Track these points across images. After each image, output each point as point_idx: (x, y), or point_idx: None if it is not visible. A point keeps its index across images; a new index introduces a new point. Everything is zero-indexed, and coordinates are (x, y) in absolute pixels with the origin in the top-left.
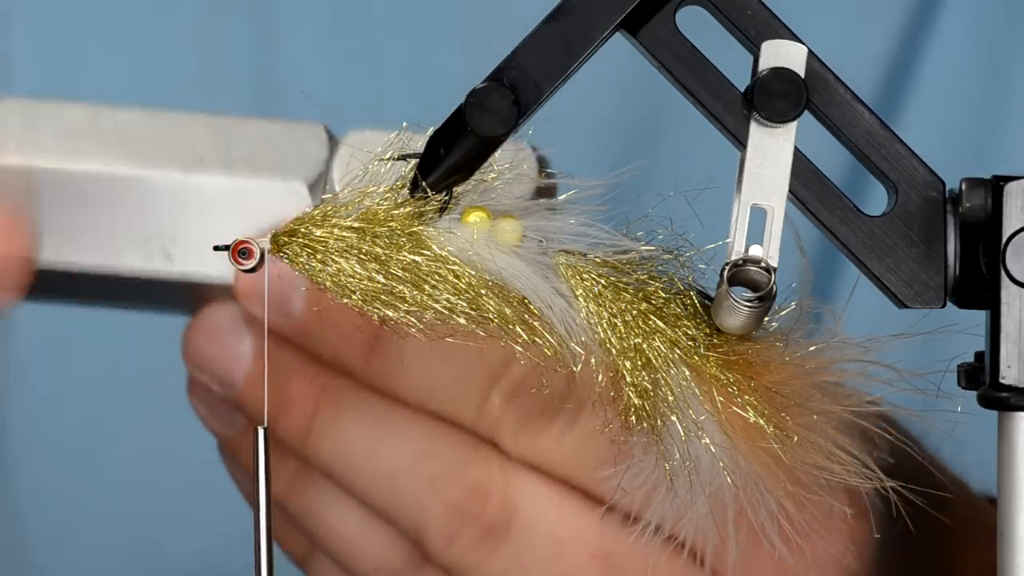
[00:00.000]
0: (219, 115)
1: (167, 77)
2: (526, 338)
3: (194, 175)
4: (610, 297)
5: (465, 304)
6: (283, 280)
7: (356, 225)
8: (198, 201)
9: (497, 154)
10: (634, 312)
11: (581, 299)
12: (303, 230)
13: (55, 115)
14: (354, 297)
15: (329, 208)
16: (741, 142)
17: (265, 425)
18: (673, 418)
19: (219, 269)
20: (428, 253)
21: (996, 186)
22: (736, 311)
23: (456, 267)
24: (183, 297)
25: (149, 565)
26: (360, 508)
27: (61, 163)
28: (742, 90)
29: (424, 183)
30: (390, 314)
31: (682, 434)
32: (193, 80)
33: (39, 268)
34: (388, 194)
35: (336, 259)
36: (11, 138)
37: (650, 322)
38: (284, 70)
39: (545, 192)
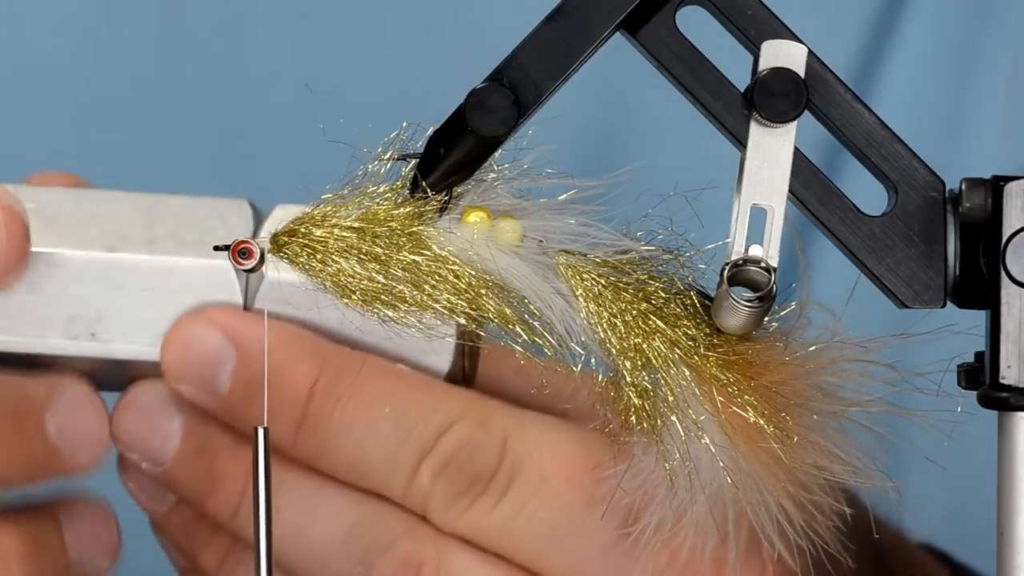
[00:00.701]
0: (143, 193)
1: (127, 77)
2: (526, 338)
3: (118, 254)
4: (610, 297)
5: (465, 304)
6: (209, 359)
7: (356, 225)
8: (122, 280)
9: (496, 154)
10: (634, 312)
11: (581, 299)
12: (303, 230)
13: None
14: (354, 297)
15: (329, 208)
16: (741, 142)
17: (265, 425)
18: (673, 418)
19: (146, 348)
20: (428, 253)
21: (996, 186)
22: (736, 311)
23: (456, 267)
24: (110, 376)
25: None
26: None
27: None
28: (742, 90)
29: (424, 183)
30: (390, 314)
31: (682, 434)
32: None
33: None
34: (388, 194)
35: (336, 259)
36: None
37: (650, 322)
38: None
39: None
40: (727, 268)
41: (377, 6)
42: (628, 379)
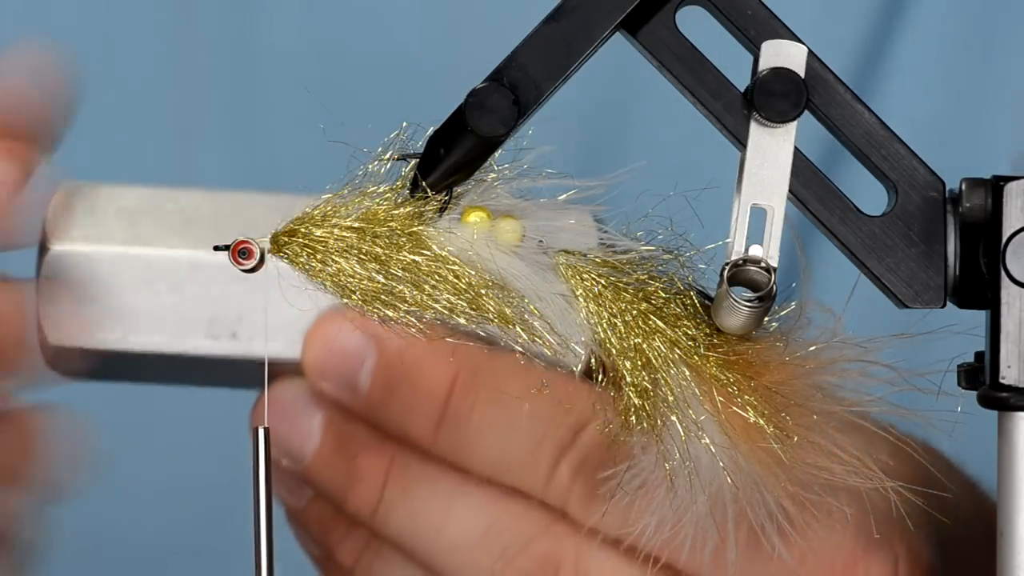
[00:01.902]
0: (279, 193)
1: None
2: (526, 338)
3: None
4: (610, 297)
5: (465, 304)
6: (349, 356)
7: (356, 225)
8: (262, 280)
9: (497, 154)
10: (634, 312)
11: (581, 299)
12: (303, 230)
13: (116, 198)
14: (354, 297)
15: (329, 208)
16: (741, 142)
17: (266, 425)
18: (673, 418)
19: (286, 347)
20: (428, 253)
21: (996, 186)
22: (736, 311)
23: (456, 267)
24: (251, 374)
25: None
26: None
27: (125, 247)
28: (742, 90)
29: (424, 183)
30: (390, 314)
31: (682, 434)
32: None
33: (107, 351)
34: (388, 194)
35: (336, 259)
36: (74, 223)
37: (650, 322)
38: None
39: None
40: (727, 268)
41: (357, 39)
42: (628, 379)
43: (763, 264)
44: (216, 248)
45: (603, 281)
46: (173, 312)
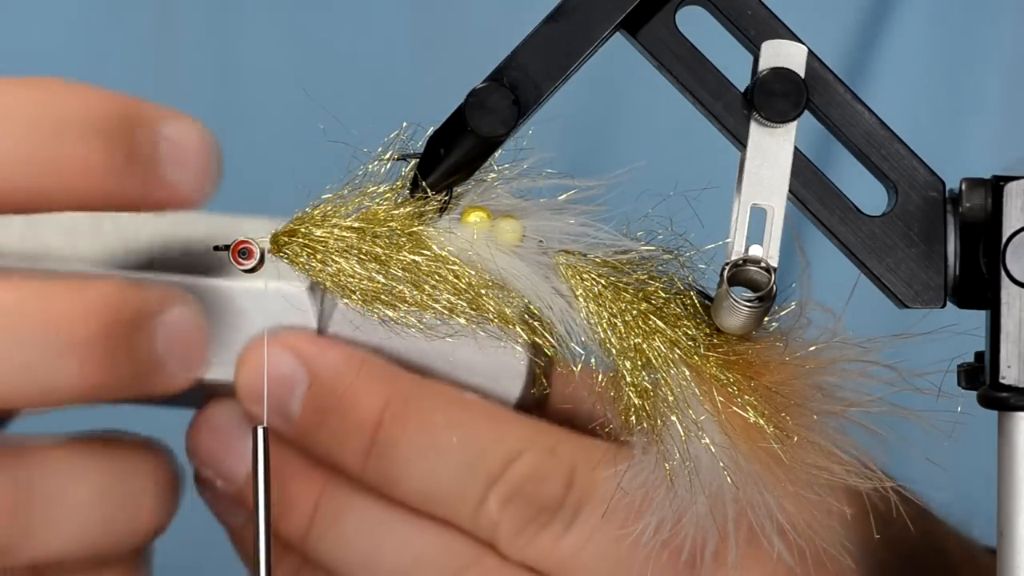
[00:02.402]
0: (216, 213)
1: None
2: (526, 338)
3: (195, 277)
4: (610, 297)
5: (465, 304)
6: (281, 383)
7: (356, 225)
8: (200, 303)
9: (497, 154)
10: (634, 312)
11: (581, 299)
12: (303, 230)
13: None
14: (354, 297)
15: (329, 208)
16: (741, 142)
17: (265, 425)
18: (673, 418)
19: (221, 369)
20: (428, 253)
21: (996, 186)
22: (736, 311)
23: (456, 267)
24: (187, 394)
25: None
26: None
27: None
28: (742, 90)
29: (424, 183)
30: (390, 314)
31: (682, 434)
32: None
33: None
34: (388, 194)
35: (336, 259)
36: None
37: (650, 322)
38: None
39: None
40: (727, 268)
41: (369, 8)
42: (628, 379)
43: (763, 264)
44: (216, 248)
45: (603, 281)
46: None
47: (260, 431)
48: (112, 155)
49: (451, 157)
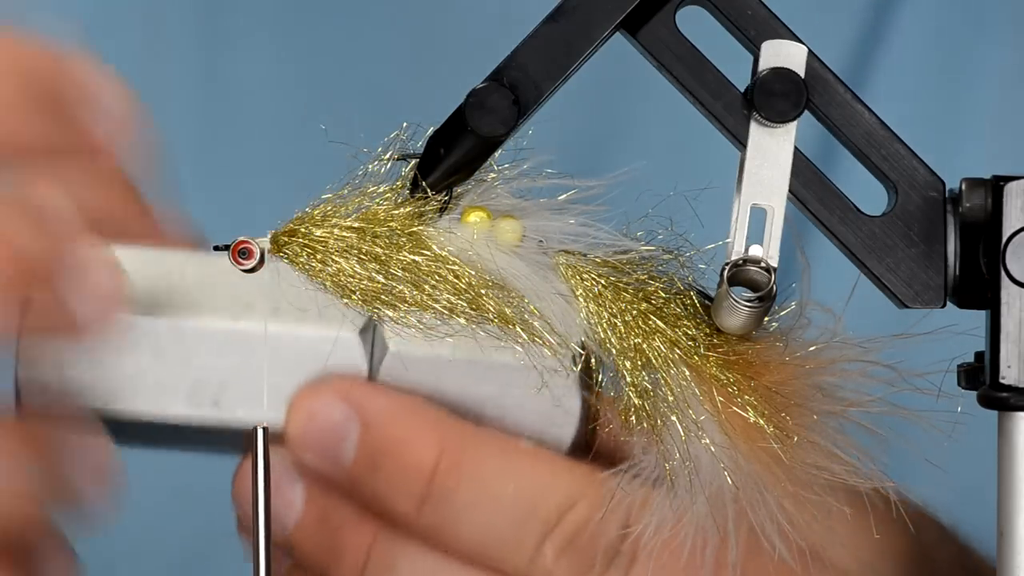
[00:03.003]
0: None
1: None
2: (526, 338)
3: (243, 323)
4: (610, 297)
5: (465, 304)
6: (332, 429)
7: (356, 225)
8: (247, 349)
9: (497, 154)
10: (634, 312)
11: (581, 299)
12: (303, 230)
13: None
14: (354, 297)
15: (329, 208)
16: (741, 142)
17: (265, 425)
18: (673, 418)
19: (270, 414)
20: (428, 253)
21: (996, 186)
22: (736, 311)
23: (456, 267)
24: (234, 440)
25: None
26: None
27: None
28: (742, 90)
29: (424, 183)
30: (390, 314)
31: (682, 434)
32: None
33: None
34: (388, 194)
35: (336, 259)
36: None
37: (650, 322)
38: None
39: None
40: (727, 268)
41: (358, 17)
42: (628, 379)
43: (763, 264)
44: (216, 248)
45: (603, 281)
46: (156, 378)
47: (260, 431)
48: (36, 110)
49: (451, 157)
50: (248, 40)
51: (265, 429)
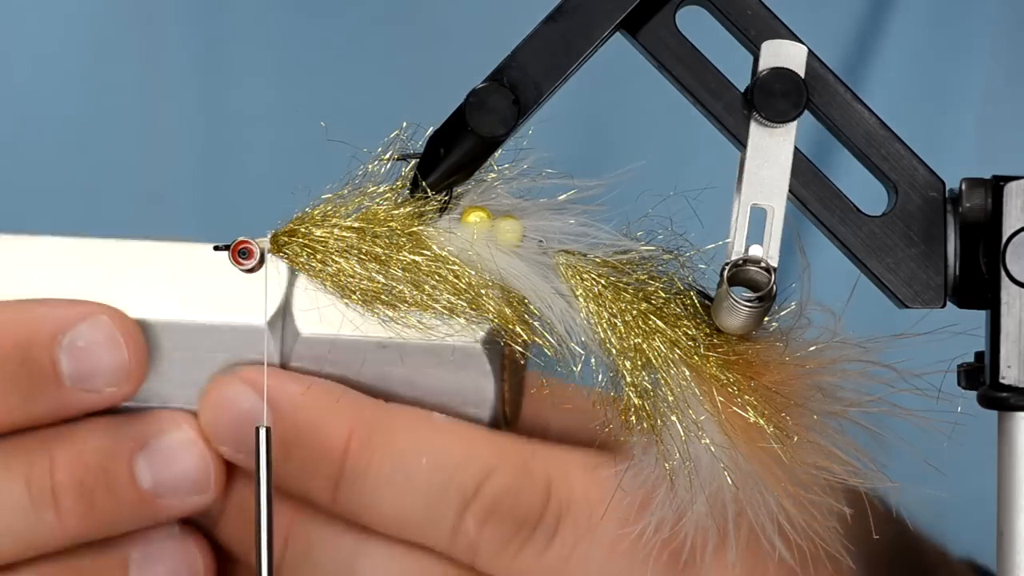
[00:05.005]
0: (173, 242)
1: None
2: (526, 338)
3: (154, 316)
4: (610, 297)
5: (465, 304)
6: (243, 418)
7: (356, 225)
8: (159, 342)
9: (497, 154)
10: (634, 312)
11: (581, 299)
12: (303, 230)
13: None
14: (354, 297)
15: (329, 208)
16: (741, 142)
17: (267, 424)
18: (673, 418)
19: (185, 407)
20: (428, 253)
21: (996, 186)
22: (736, 311)
23: (456, 267)
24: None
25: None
26: None
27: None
28: (742, 90)
29: (424, 183)
30: (390, 314)
31: (682, 434)
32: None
33: None
34: (388, 194)
35: (336, 259)
36: None
37: (650, 322)
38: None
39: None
40: (727, 268)
41: (359, 17)
42: (628, 379)
43: (763, 264)
44: (216, 248)
45: (603, 281)
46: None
47: (263, 431)
48: (9, 393)
49: (451, 157)
50: (249, 38)
51: (268, 429)
